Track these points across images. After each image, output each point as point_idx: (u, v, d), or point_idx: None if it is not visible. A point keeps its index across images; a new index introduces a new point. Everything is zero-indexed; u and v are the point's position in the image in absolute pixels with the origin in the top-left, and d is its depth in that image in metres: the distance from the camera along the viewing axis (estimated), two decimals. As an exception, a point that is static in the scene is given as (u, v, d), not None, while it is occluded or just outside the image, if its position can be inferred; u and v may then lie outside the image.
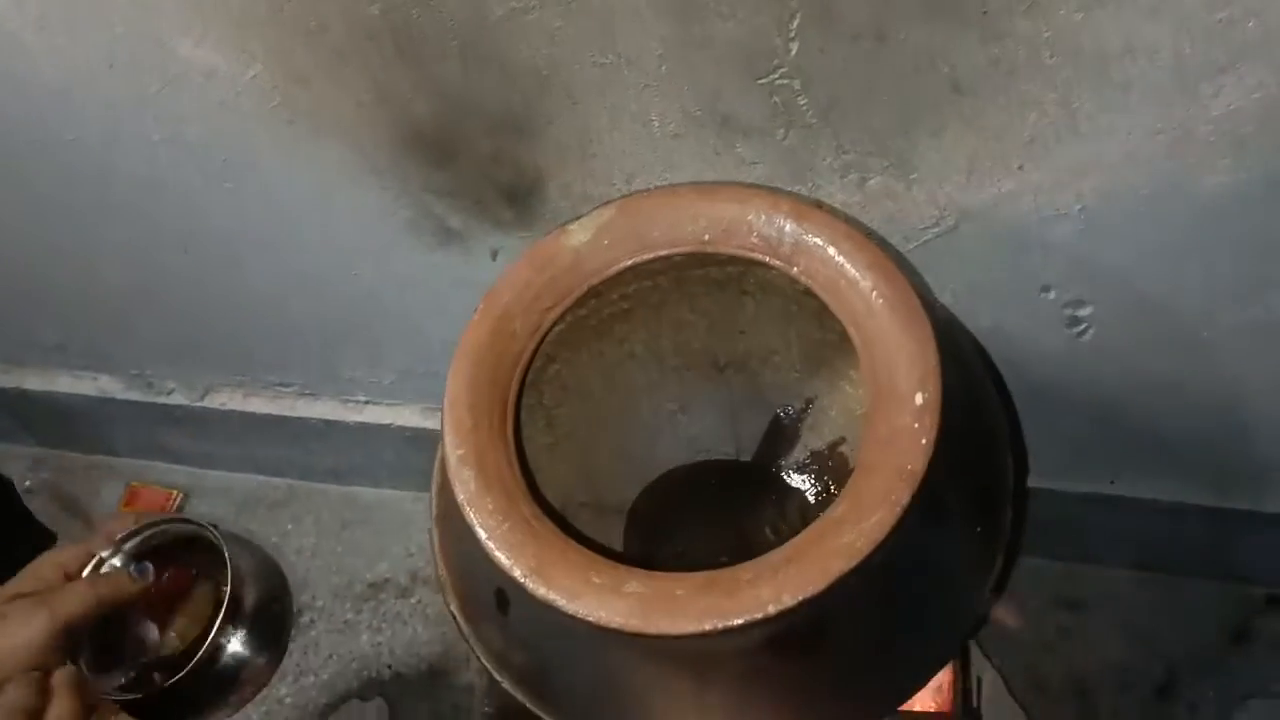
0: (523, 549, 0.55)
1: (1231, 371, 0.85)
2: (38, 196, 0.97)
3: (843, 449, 0.77)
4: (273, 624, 1.17)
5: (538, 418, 0.76)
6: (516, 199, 0.82)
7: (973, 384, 0.64)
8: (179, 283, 1.04)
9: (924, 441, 0.54)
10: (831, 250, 0.60)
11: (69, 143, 0.87)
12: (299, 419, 1.19)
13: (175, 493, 1.34)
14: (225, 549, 1.06)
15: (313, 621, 1.23)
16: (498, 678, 0.62)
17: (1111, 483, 1.02)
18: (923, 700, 0.84)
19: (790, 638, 0.55)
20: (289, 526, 1.30)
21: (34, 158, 0.91)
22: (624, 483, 0.79)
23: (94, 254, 1.03)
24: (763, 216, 0.62)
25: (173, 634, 1.08)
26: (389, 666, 1.21)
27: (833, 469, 0.77)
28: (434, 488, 0.68)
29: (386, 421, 1.16)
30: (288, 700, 1.18)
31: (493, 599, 0.61)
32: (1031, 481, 1.02)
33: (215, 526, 1.08)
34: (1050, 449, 0.98)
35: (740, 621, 0.51)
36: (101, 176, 0.91)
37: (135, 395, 1.23)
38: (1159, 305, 0.79)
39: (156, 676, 1.04)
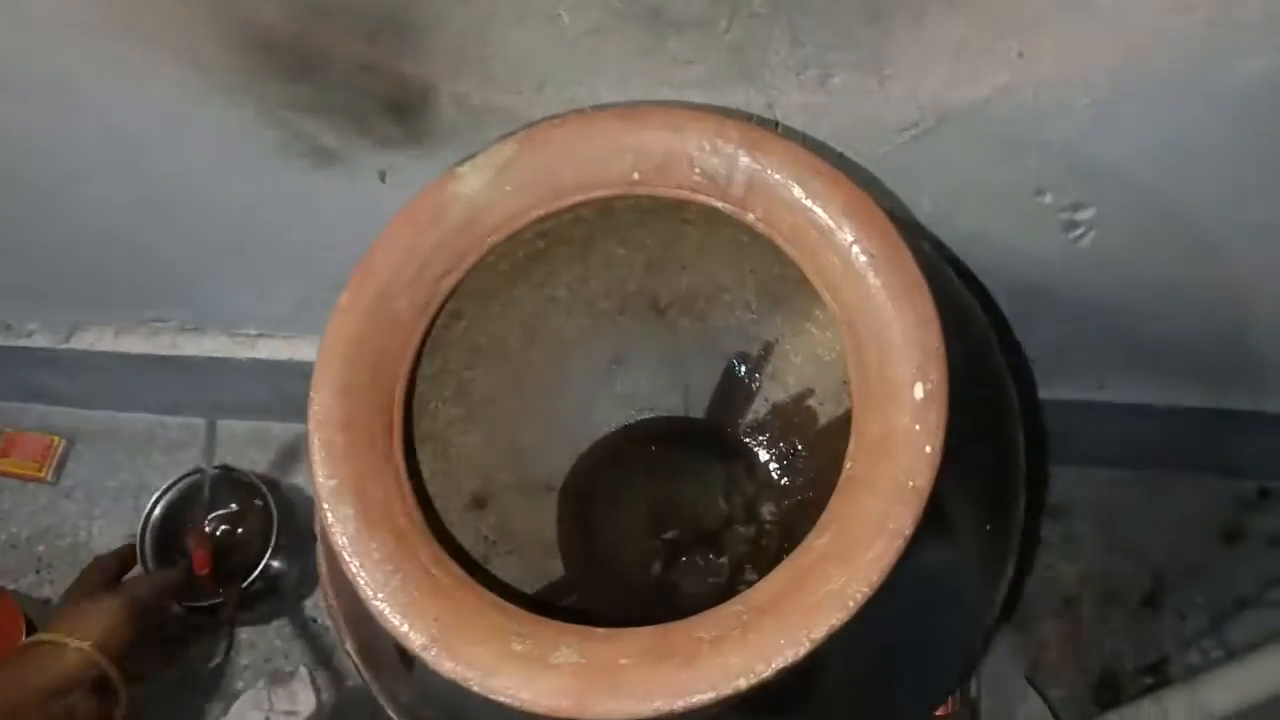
0: (421, 609, 0.43)
1: (1238, 271, 0.76)
2: None
3: (810, 402, 0.65)
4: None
5: (445, 387, 0.63)
6: (403, 114, 0.67)
7: (975, 344, 0.52)
8: (21, 219, 0.88)
9: (928, 449, 0.42)
10: (797, 191, 0.47)
11: None
12: (183, 358, 1.04)
13: (56, 439, 1.19)
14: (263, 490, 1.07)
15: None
16: (406, 733, 0.51)
17: (1100, 388, 0.92)
18: None
19: (767, 702, 0.44)
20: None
21: None
22: (554, 453, 0.67)
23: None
24: (706, 146, 0.48)
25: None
26: (313, 619, 1.10)
27: (798, 426, 0.65)
28: (318, 522, 0.55)
29: (284, 356, 1.02)
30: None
31: (394, 652, 0.49)
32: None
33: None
34: (1032, 355, 0.87)
35: (705, 698, 0.40)
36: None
37: (-7, 339, 1.07)
38: (1167, 206, 0.69)
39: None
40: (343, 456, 0.46)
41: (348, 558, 0.44)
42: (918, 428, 0.42)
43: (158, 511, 1.07)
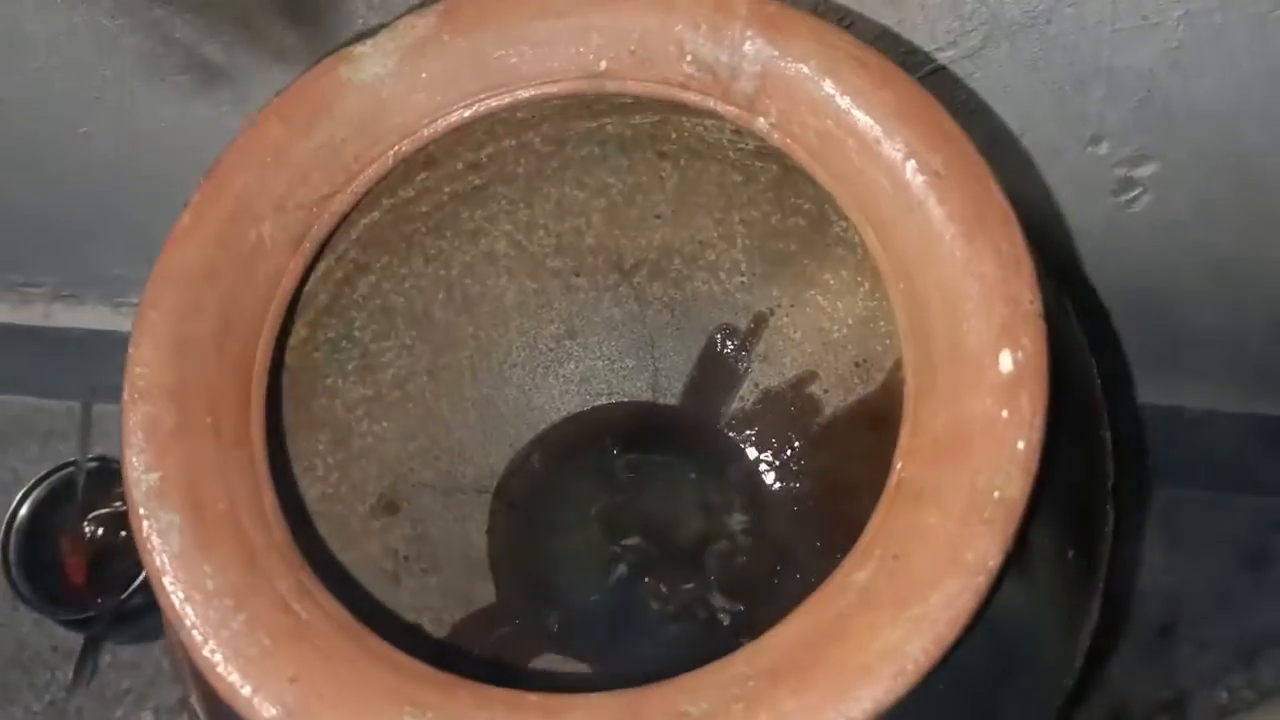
0: (272, 666, 0.29)
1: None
2: None
3: (812, 389, 0.51)
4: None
5: (347, 359, 0.49)
6: (303, 14, 0.53)
7: (1061, 323, 0.39)
8: None
9: (1021, 445, 0.29)
10: (829, 85, 0.33)
11: None
12: (57, 329, 0.89)
13: (-87, 424, 1.03)
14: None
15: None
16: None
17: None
18: None
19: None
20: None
21: None
22: (486, 447, 0.53)
23: None
24: (702, 25, 0.35)
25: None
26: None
27: (797, 418, 0.52)
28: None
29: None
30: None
31: None
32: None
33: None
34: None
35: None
36: None
37: None
38: (1250, 164, 0.56)
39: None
40: (171, 439, 0.32)
41: (170, 587, 0.30)
42: (1005, 414, 0.29)
43: (24, 510, 0.92)
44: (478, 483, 0.52)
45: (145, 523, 0.31)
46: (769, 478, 0.52)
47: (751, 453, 0.53)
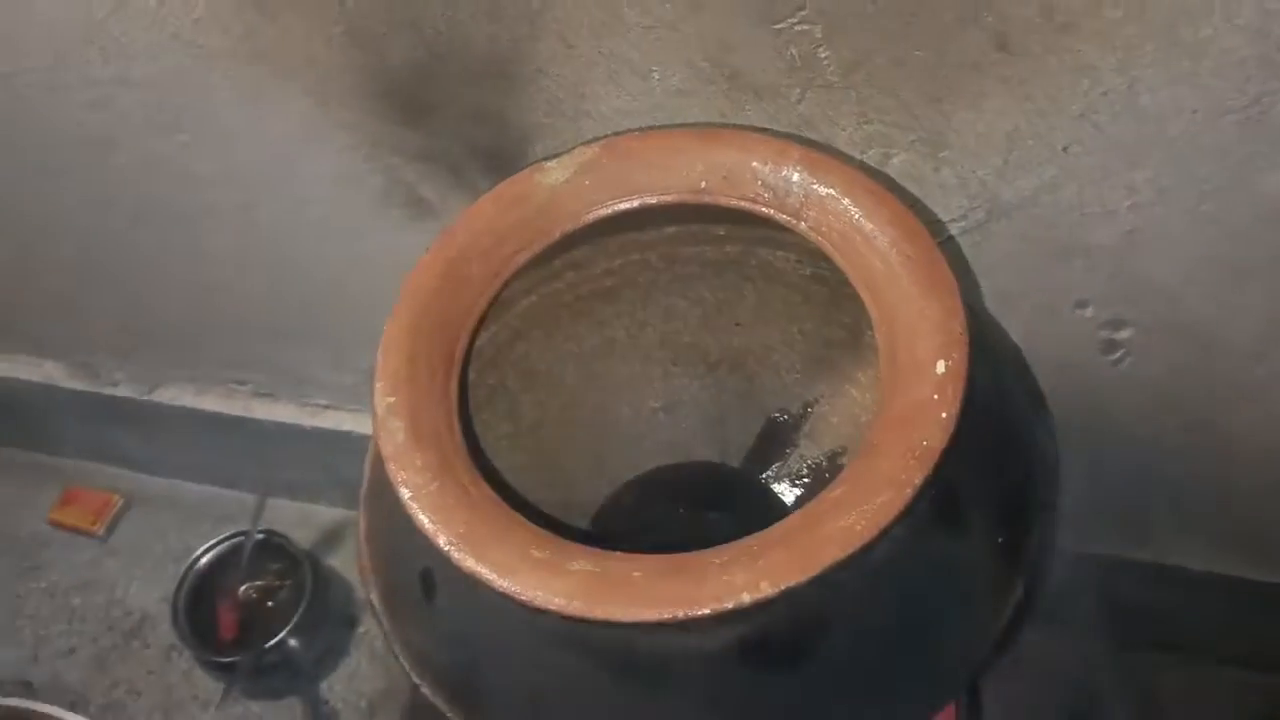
0: (452, 514, 0.45)
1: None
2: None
3: (843, 460, 0.67)
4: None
5: (499, 402, 0.66)
6: (497, 166, 0.74)
7: (1003, 383, 0.54)
8: (128, 258, 0.96)
9: (944, 415, 0.44)
10: (846, 202, 0.51)
11: (4, 79, 0.79)
12: (254, 420, 1.09)
13: (116, 497, 1.23)
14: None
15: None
16: (417, 681, 0.52)
17: (1140, 545, 0.91)
18: None
19: (767, 645, 0.45)
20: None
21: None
22: (591, 483, 0.69)
23: (38, 224, 0.95)
24: (769, 164, 0.53)
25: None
26: (326, 702, 1.10)
27: (830, 481, 0.67)
28: (367, 460, 0.58)
29: (346, 429, 1.06)
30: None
31: (417, 584, 0.51)
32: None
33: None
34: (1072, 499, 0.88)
35: (706, 612, 0.41)
36: (44, 128, 0.83)
37: (80, 385, 1.13)
38: (1208, 332, 0.71)
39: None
40: (403, 382, 0.50)
41: (392, 465, 0.47)
42: (936, 398, 0.45)
43: (197, 569, 1.10)
44: (582, 509, 0.69)
45: (382, 427, 0.48)
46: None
47: (789, 499, 0.68)
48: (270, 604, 1.11)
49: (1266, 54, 0.54)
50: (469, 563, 0.44)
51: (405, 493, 0.46)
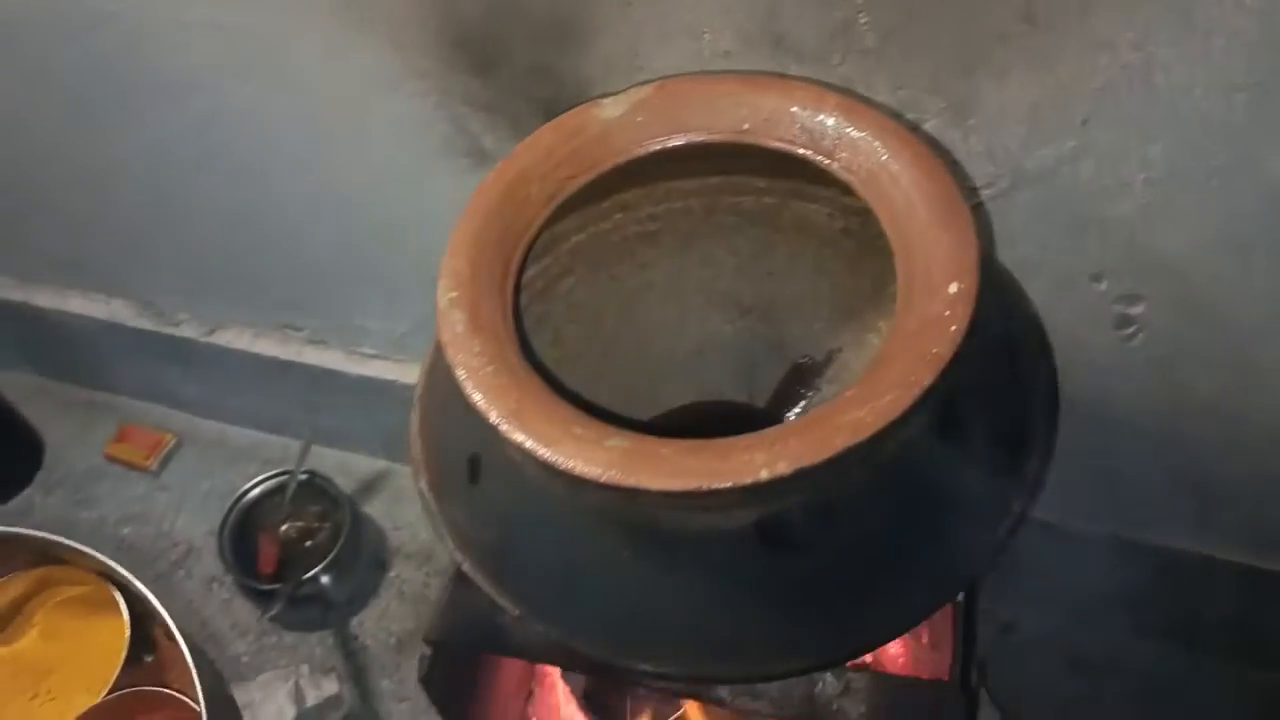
0: (504, 393, 0.51)
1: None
2: (59, 94, 0.95)
3: (861, 406, 0.72)
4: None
5: (545, 329, 0.71)
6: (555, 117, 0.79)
7: (1012, 321, 0.59)
8: (199, 201, 1.02)
9: (953, 328, 0.49)
10: (877, 144, 0.56)
11: (103, 19, 0.85)
12: (304, 365, 1.15)
13: (168, 436, 1.30)
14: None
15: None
16: (457, 559, 0.57)
17: (1144, 527, 0.95)
18: (920, 662, 0.77)
19: (780, 527, 0.50)
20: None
21: (59, 45, 0.89)
22: (624, 416, 0.74)
23: (114, 164, 1.01)
24: (807, 109, 0.58)
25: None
26: (355, 637, 1.15)
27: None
28: (424, 362, 0.63)
29: (391, 378, 1.12)
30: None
31: (465, 468, 0.56)
32: (1052, 518, 0.96)
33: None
34: (1078, 478, 0.91)
35: (728, 485, 0.46)
36: (128, 71, 0.89)
37: (145, 324, 1.19)
38: (1216, 310, 0.75)
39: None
40: (465, 280, 0.55)
41: (451, 350, 0.52)
42: (947, 314, 0.49)
43: (243, 503, 1.16)
44: (615, 438, 0.73)
45: (444, 318, 0.53)
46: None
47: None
48: (308, 544, 1.16)
49: (1273, 37, 0.59)
50: (517, 436, 0.49)
51: (462, 374, 0.51)
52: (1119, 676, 1.05)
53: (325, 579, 1.13)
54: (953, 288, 0.50)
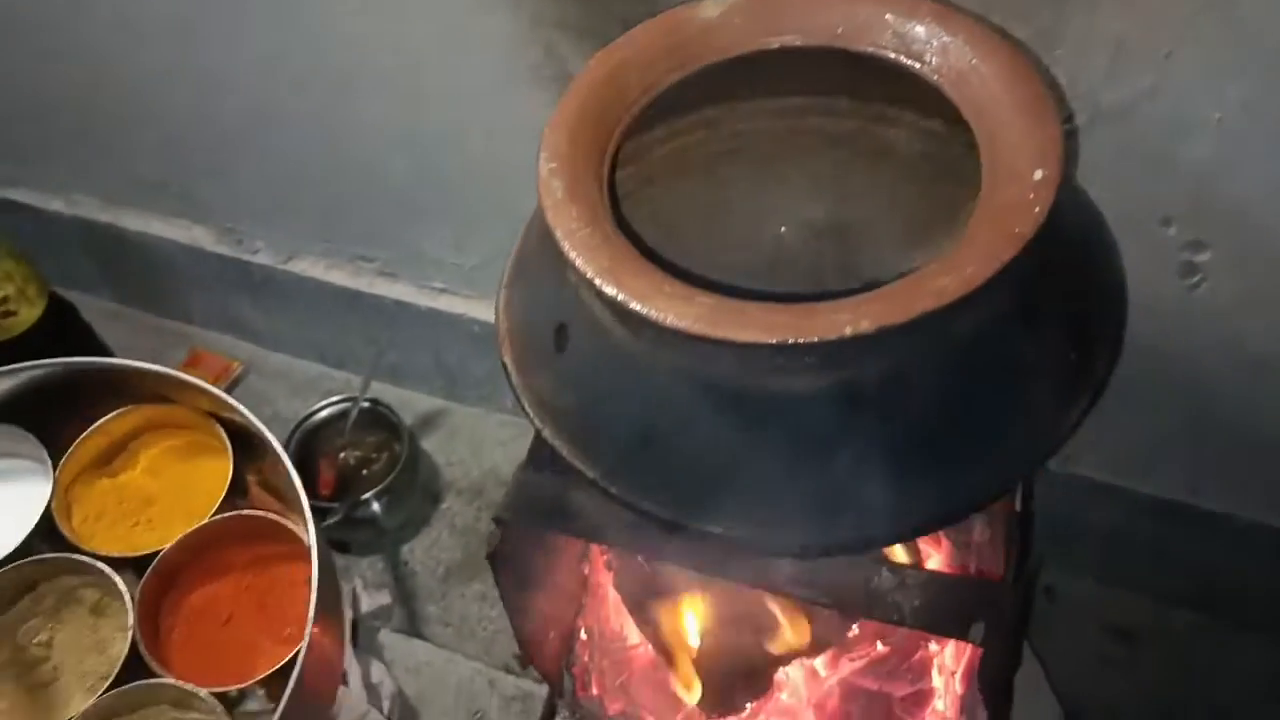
0: (599, 252, 0.53)
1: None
2: (171, 7, 0.98)
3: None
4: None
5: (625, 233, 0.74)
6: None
7: (1086, 222, 0.61)
8: (287, 125, 1.05)
9: (1037, 210, 0.51)
10: (967, 49, 0.58)
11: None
12: (373, 296, 1.18)
13: (236, 364, 1.34)
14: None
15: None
16: (538, 425, 0.59)
17: (1193, 492, 0.96)
18: (978, 557, 0.79)
19: (862, 390, 0.52)
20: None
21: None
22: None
23: (208, 85, 1.04)
24: (901, 15, 0.60)
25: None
26: (405, 563, 1.18)
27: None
28: (517, 242, 0.66)
29: (459, 311, 1.14)
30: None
31: (551, 338, 0.59)
32: (1099, 476, 0.97)
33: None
34: (1130, 435, 0.91)
35: (814, 339, 0.48)
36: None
37: (224, 249, 1.23)
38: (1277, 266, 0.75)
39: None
40: (564, 154, 0.58)
41: (551, 214, 0.55)
42: (1031, 197, 0.51)
43: (307, 425, 1.19)
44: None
45: (545, 186, 0.56)
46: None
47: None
48: (365, 472, 1.19)
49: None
50: (611, 290, 0.51)
51: (559, 234, 0.54)
52: (1157, 643, 1.06)
53: (377, 505, 1.15)
54: (1037, 174, 0.52)
